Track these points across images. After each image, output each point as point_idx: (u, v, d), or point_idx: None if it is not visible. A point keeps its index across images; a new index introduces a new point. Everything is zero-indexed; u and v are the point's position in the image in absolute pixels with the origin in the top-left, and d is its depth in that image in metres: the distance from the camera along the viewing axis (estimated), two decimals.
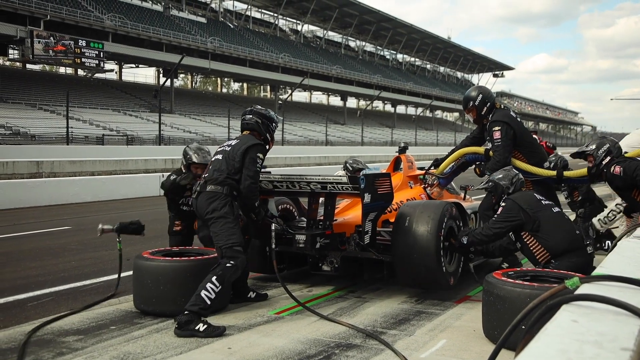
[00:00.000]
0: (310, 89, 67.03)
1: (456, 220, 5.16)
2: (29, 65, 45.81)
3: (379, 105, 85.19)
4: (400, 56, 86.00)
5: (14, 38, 35.86)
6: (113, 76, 53.17)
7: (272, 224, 4.79)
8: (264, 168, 4.86)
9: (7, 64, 44.97)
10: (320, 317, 4.46)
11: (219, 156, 4.66)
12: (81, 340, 3.97)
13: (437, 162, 6.22)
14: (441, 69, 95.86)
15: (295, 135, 50.72)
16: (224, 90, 71.85)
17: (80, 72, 48.19)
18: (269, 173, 5.33)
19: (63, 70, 50.55)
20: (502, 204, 4.75)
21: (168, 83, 43.67)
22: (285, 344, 3.88)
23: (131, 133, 35.77)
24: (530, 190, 5.17)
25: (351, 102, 76.24)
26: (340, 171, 7.90)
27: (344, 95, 69.29)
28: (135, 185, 15.78)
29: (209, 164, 4.76)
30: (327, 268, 5.22)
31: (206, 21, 55.17)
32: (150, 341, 3.96)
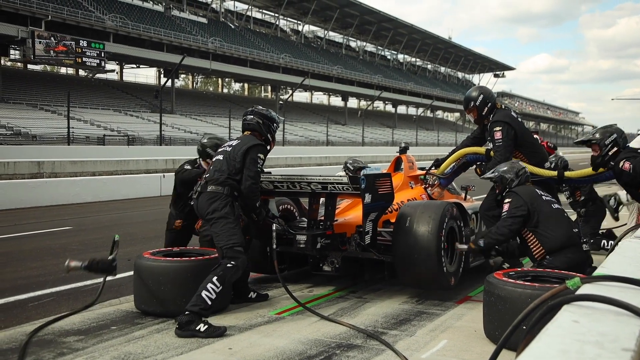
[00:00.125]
0: (311, 89, 67.06)
1: (457, 220, 5.15)
2: (30, 66, 45.90)
3: (379, 105, 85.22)
4: (401, 56, 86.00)
5: (15, 38, 35.91)
6: (114, 76, 53.25)
7: (273, 224, 4.79)
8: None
9: (9, 64, 44.97)
10: (321, 318, 4.46)
11: (220, 156, 4.66)
12: (82, 341, 3.97)
13: (438, 163, 6.22)
14: (442, 69, 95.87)
15: (296, 136, 50.73)
16: (225, 90, 71.86)
17: (82, 73, 48.25)
18: (270, 173, 5.33)
19: (64, 70, 50.61)
20: (507, 200, 4.73)
21: (169, 83, 43.70)
22: (286, 345, 3.88)
23: (132, 133, 35.80)
24: (531, 186, 5.13)
25: (352, 103, 76.27)
26: (341, 172, 7.90)
27: (345, 96, 69.30)
28: (136, 185, 15.79)
29: (210, 164, 4.75)
30: (328, 268, 5.22)
31: (207, 21, 55.20)
32: (151, 341, 3.96)
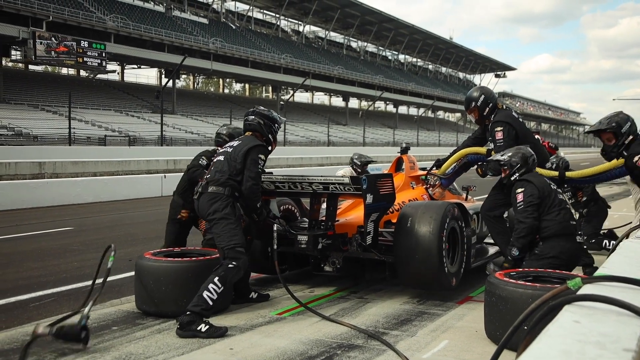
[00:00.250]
0: (312, 89, 67.05)
1: (458, 221, 5.15)
2: (31, 66, 45.96)
3: (380, 105, 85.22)
4: (402, 57, 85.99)
5: (17, 39, 35.96)
6: (115, 77, 53.30)
7: (274, 225, 4.79)
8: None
9: (10, 65, 45.03)
10: (322, 318, 4.46)
11: (221, 157, 4.66)
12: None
13: (439, 163, 6.21)
14: (443, 69, 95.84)
15: (297, 136, 50.74)
16: (226, 91, 71.89)
17: (83, 73, 48.28)
18: (271, 174, 5.33)
19: (65, 71, 50.66)
20: (520, 189, 4.68)
21: (170, 84, 43.73)
22: (287, 345, 3.88)
23: (133, 134, 35.82)
24: (540, 175, 5.08)
25: (353, 103, 76.29)
26: (340, 171, 7.87)
27: (346, 96, 69.30)
28: (137, 186, 15.80)
29: (212, 164, 4.76)
30: (329, 269, 5.22)
31: (208, 22, 55.22)
32: (152, 342, 3.96)
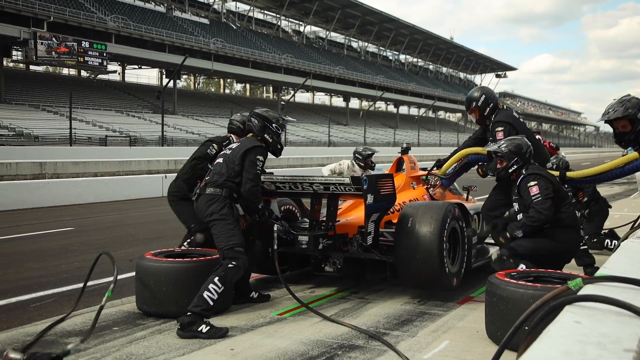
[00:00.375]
0: (312, 89, 67.05)
1: (459, 221, 5.14)
2: (32, 67, 46.02)
3: (381, 105, 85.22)
4: (402, 57, 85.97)
5: (18, 39, 35.98)
6: (116, 77, 53.34)
7: (275, 225, 4.79)
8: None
9: (11, 65, 45.08)
10: (323, 318, 4.46)
11: (220, 159, 4.67)
12: (83, 342, 3.97)
13: (440, 163, 6.21)
14: (444, 69, 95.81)
15: (298, 136, 50.74)
16: (227, 91, 71.92)
17: (84, 73, 48.30)
18: (272, 174, 5.33)
19: (66, 71, 50.70)
20: (534, 182, 4.64)
21: (171, 84, 43.74)
22: (287, 345, 3.88)
23: (134, 134, 35.84)
24: (545, 168, 5.09)
25: (354, 103, 76.31)
26: (325, 170, 7.68)
27: (347, 96, 69.29)
28: (138, 186, 15.80)
29: (212, 167, 4.78)
30: (330, 269, 5.22)
31: (209, 22, 55.25)
32: (152, 342, 3.97)
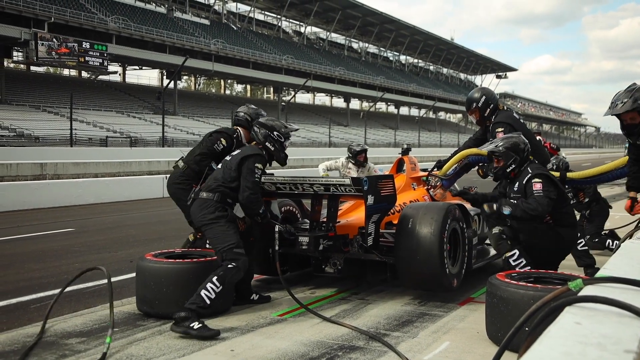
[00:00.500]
0: (313, 90, 67.09)
1: (459, 222, 5.14)
2: (33, 68, 46.08)
3: (382, 106, 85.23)
4: (403, 57, 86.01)
5: (18, 40, 36.04)
6: (117, 78, 53.40)
7: (275, 226, 4.79)
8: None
9: (12, 66, 45.13)
10: (323, 319, 4.46)
11: (219, 165, 4.72)
12: (84, 342, 3.97)
13: (440, 164, 6.21)
14: (444, 70, 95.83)
15: (299, 137, 50.71)
16: (227, 92, 71.95)
17: (84, 74, 48.37)
18: (272, 175, 5.33)
19: (67, 72, 50.74)
20: (539, 180, 4.61)
21: (171, 85, 43.78)
22: (288, 346, 3.88)
23: (135, 135, 35.86)
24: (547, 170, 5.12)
25: (354, 104, 76.33)
26: (321, 167, 8.43)
27: (347, 97, 69.31)
28: (138, 187, 15.80)
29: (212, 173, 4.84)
30: (330, 270, 5.22)
31: (209, 23, 55.28)
32: (153, 343, 3.96)
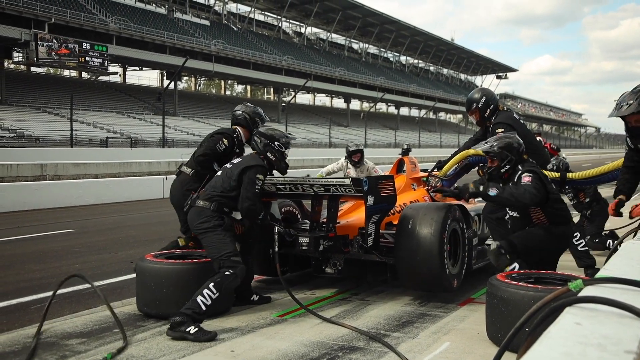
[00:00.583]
0: (313, 91, 67.11)
1: (460, 222, 5.14)
2: (33, 68, 46.11)
3: (382, 107, 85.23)
4: (403, 58, 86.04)
5: (19, 41, 36.07)
6: (117, 79, 53.42)
7: (275, 227, 4.79)
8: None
9: (12, 66, 45.16)
10: (324, 320, 4.46)
11: (219, 172, 4.70)
12: (84, 343, 3.97)
13: (441, 164, 6.21)
14: (444, 70, 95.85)
15: (299, 138, 50.68)
16: (228, 92, 71.96)
17: (84, 75, 48.40)
18: (272, 176, 5.33)
19: (67, 73, 50.73)
20: (529, 174, 4.53)
21: (172, 86, 43.78)
22: (288, 347, 3.88)
23: (135, 135, 35.88)
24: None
25: (354, 104, 76.36)
26: (327, 167, 8.65)
27: (348, 98, 69.34)
28: (139, 187, 15.80)
29: (211, 179, 4.82)
30: (331, 270, 5.22)
31: (210, 24, 55.30)
32: (153, 344, 3.96)
